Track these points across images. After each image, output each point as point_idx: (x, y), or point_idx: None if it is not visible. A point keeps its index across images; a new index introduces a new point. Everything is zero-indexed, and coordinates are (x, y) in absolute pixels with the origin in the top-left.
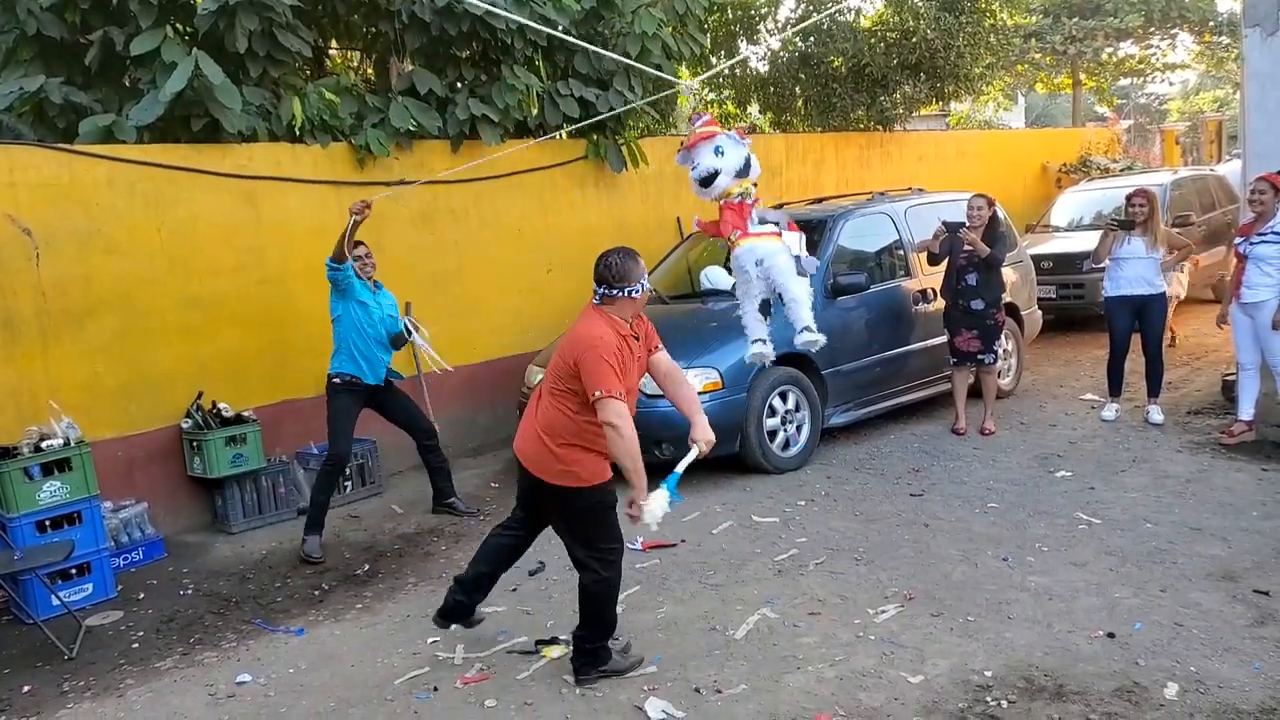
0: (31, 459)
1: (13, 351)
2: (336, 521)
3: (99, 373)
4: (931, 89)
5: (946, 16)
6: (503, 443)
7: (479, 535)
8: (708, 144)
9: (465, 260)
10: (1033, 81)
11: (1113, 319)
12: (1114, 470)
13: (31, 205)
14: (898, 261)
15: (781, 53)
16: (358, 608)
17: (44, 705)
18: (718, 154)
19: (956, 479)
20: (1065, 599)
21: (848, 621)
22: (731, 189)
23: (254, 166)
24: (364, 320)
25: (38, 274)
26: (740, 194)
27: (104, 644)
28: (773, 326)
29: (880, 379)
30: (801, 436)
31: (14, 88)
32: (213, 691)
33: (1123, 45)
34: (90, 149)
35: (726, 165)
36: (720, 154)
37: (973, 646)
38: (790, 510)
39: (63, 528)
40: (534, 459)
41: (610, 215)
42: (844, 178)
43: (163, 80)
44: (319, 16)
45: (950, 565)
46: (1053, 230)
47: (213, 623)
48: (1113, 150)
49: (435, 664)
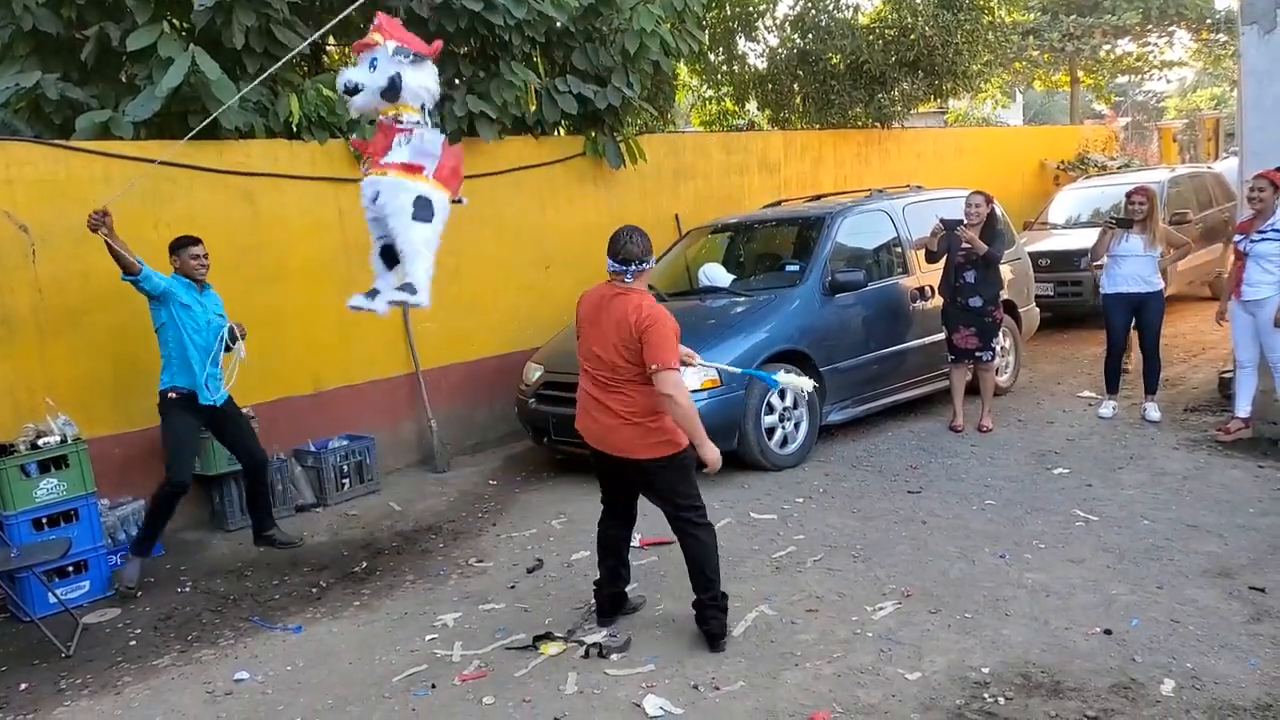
0: (28, 456)
1: (10, 349)
2: (334, 519)
3: (95, 370)
4: (930, 86)
5: (944, 14)
6: (500, 440)
7: (477, 533)
8: (366, 55)
9: (463, 258)
10: (1031, 79)
11: (1110, 316)
12: (1111, 467)
13: (28, 202)
14: (896, 259)
15: (780, 49)
16: (355, 605)
17: (41, 703)
18: (370, 68)
19: (954, 476)
20: (1062, 596)
21: (845, 619)
22: (383, 109)
23: (251, 163)
24: (189, 325)
25: (34, 271)
26: (394, 116)
27: (101, 642)
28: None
29: (878, 376)
30: (799, 434)
31: (10, 84)
32: (210, 689)
33: (1120, 42)
34: (86, 145)
35: (369, 81)
36: (372, 68)
37: (970, 643)
38: (788, 507)
39: (60, 525)
40: (629, 444)
41: (608, 212)
42: (842, 175)
43: (159, 76)
44: (317, 12)
45: (948, 562)
46: (1050, 228)
47: (210, 620)
48: (1110, 148)
49: (433, 661)
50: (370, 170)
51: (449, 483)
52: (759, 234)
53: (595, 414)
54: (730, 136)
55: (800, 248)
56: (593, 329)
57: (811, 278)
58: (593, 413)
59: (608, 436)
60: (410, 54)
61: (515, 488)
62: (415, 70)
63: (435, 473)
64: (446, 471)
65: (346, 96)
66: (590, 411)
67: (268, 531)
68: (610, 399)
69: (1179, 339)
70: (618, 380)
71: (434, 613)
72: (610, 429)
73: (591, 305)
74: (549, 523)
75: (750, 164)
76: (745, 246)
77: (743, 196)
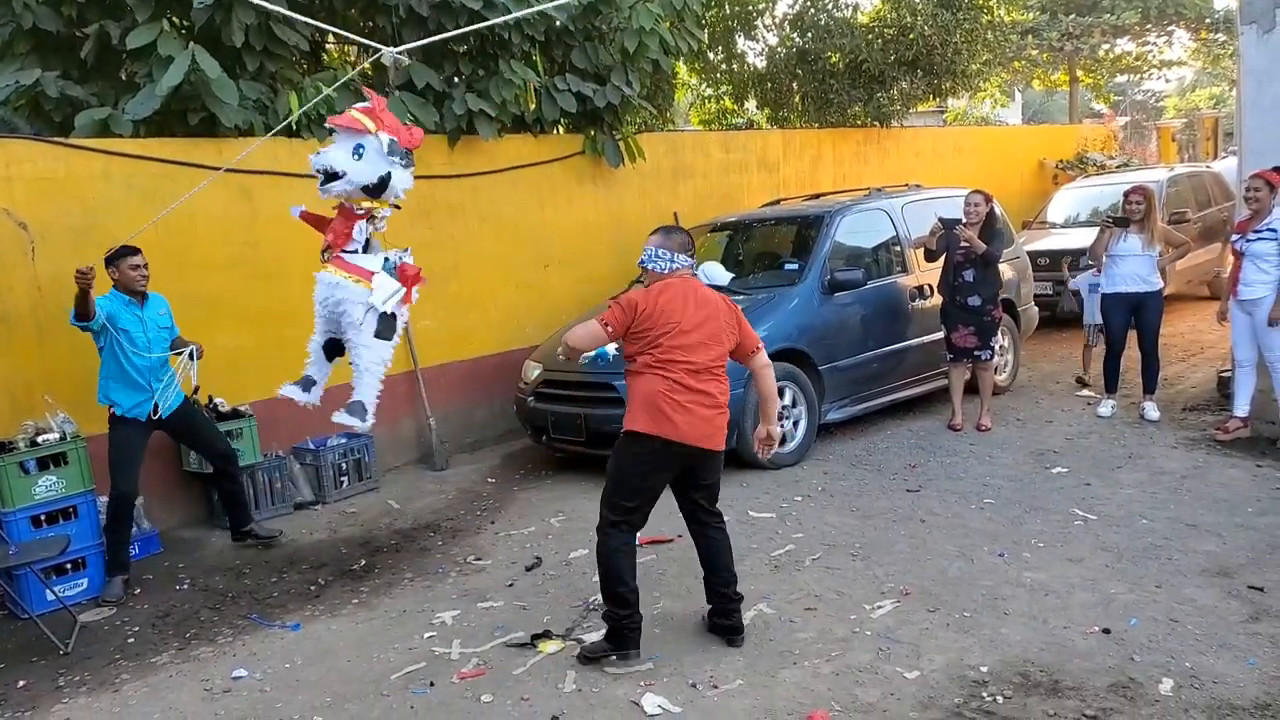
0: (27, 453)
1: (9, 346)
2: (333, 517)
3: (94, 367)
4: (929, 85)
5: (944, 13)
6: (499, 438)
7: (475, 531)
8: (351, 136)
9: (462, 256)
10: (1029, 78)
11: (1109, 316)
12: (1110, 466)
13: (27, 199)
14: (895, 258)
15: (779, 48)
16: (354, 603)
17: (39, 700)
18: (356, 155)
19: (953, 475)
20: (1061, 595)
21: (844, 617)
22: (355, 200)
23: (250, 161)
24: (128, 348)
25: (34, 268)
26: (367, 207)
27: (99, 639)
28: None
29: (877, 375)
30: (798, 432)
31: (10, 81)
32: (208, 687)
33: (1119, 42)
34: (86, 143)
35: (355, 173)
36: (359, 157)
37: (968, 642)
38: (787, 506)
39: (58, 522)
40: (718, 434)
41: (607, 210)
42: (841, 174)
43: (159, 74)
44: (316, 11)
45: (946, 561)
46: (1049, 227)
47: (208, 618)
48: (1109, 147)
49: (432, 659)
50: (330, 264)
51: (448, 481)
52: (758, 232)
53: (700, 408)
54: (729, 135)
55: (799, 246)
56: (693, 321)
57: (810, 276)
58: (698, 408)
59: (713, 427)
60: (404, 155)
61: (514, 486)
62: (404, 172)
63: (434, 471)
64: (445, 469)
65: (320, 176)
66: (694, 407)
67: (245, 527)
68: (712, 388)
69: (1177, 338)
70: (718, 369)
71: (432, 610)
72: (715, 420)
73: (680, 298)
74: (548, 521)
75: (749, 163)
76: (744, 245)
77: (742, 195)
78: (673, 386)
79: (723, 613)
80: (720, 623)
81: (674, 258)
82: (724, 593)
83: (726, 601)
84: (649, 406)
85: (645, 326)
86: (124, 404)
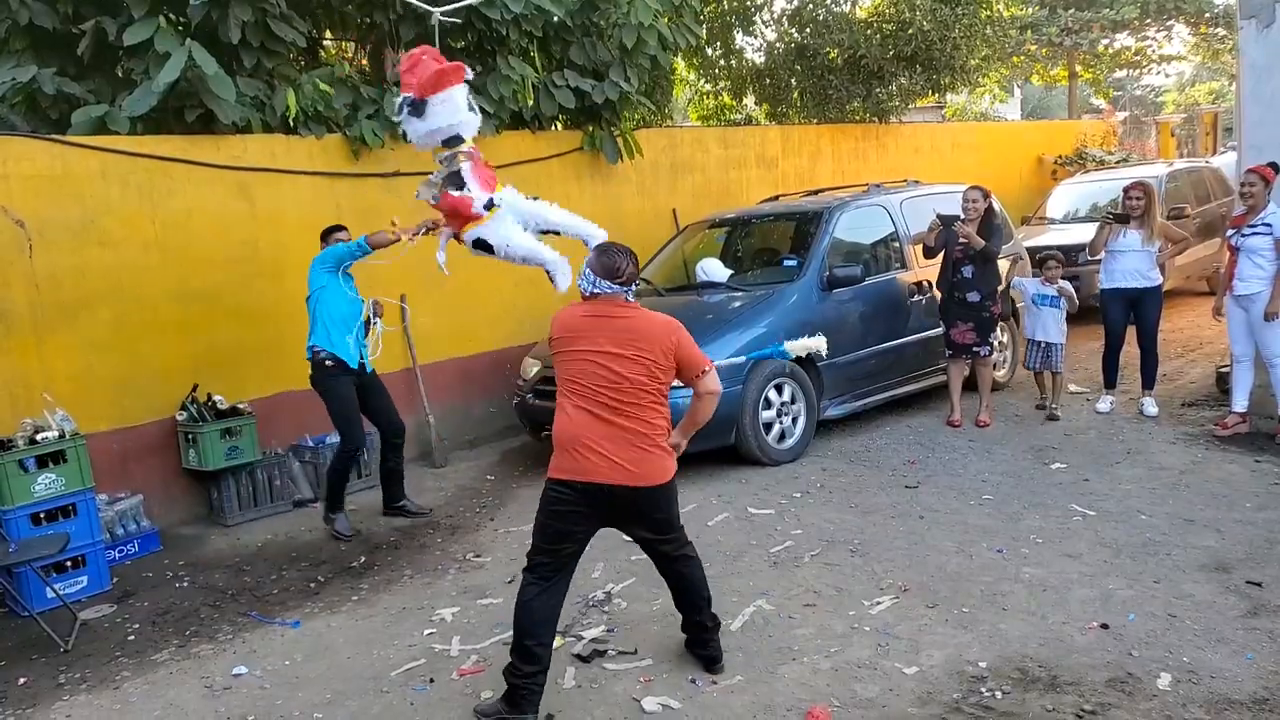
0: (26, 451)
1: (7, 344)
2: None
3: (93, 365)
4: (928, 81)
5: (942, 8)
6: (498, 434)
7: (474, 527)
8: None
9: (459, 251)
10: (1029, 73)
11: (1108, 311)
12: (1108, 462)
13: (24, 197)
14: (893, 254)
15: (777, 44)
16: (353, 600)
17: (40, 697)
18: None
19: (951, 471)
20: (1059, 590)
21: (843, 613)
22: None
23: (248, 158)
24: (342, 299)
25: (31, 266)
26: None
27: (99, 636)
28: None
29: (876, 371)
30: (797, 429)
31: (6, 78)
32: (209, 684)
33: (1118, 37)
34: (83, 140)
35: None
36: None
37: (967, 638)
38: (786, 502)
39: (58, 520)
40: (640, 473)
41: (606, 207)
42: (840, 170)
43: (156, 71)
44: (313, 7)
45: (945, 557)
46: (1048, 222)
47: (208, 615)
48: (1108, 142)
49: (431, 656)
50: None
51: (446, 478)
52: (756, 229)
53: (606, 444)
54: (728, 131)
55: (798, 242)
56: (596, 348)
57: (809, 272)
58: (603, 444)
59: (620, 466)
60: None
61: (513, 483)
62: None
63: (433, 468)
64: (444, 466)
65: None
66: (597, 444)
67: (399, 502)
68: (630, 423)
69: (1176, 334)
70: (642, 402)
71: (432, 607)
72: (618, 459)
73: (585, 324)
74: None
75: (748, 159)
76: (743, 241)
77: (740, 191)
78: (582, 420)
79: (699, 642)
80: (698, 653)
81: (596, 281)
82: (697, 621)
83: (701, 630)
84: (558, 445)
85: (555, 349)
86: (338, 353)
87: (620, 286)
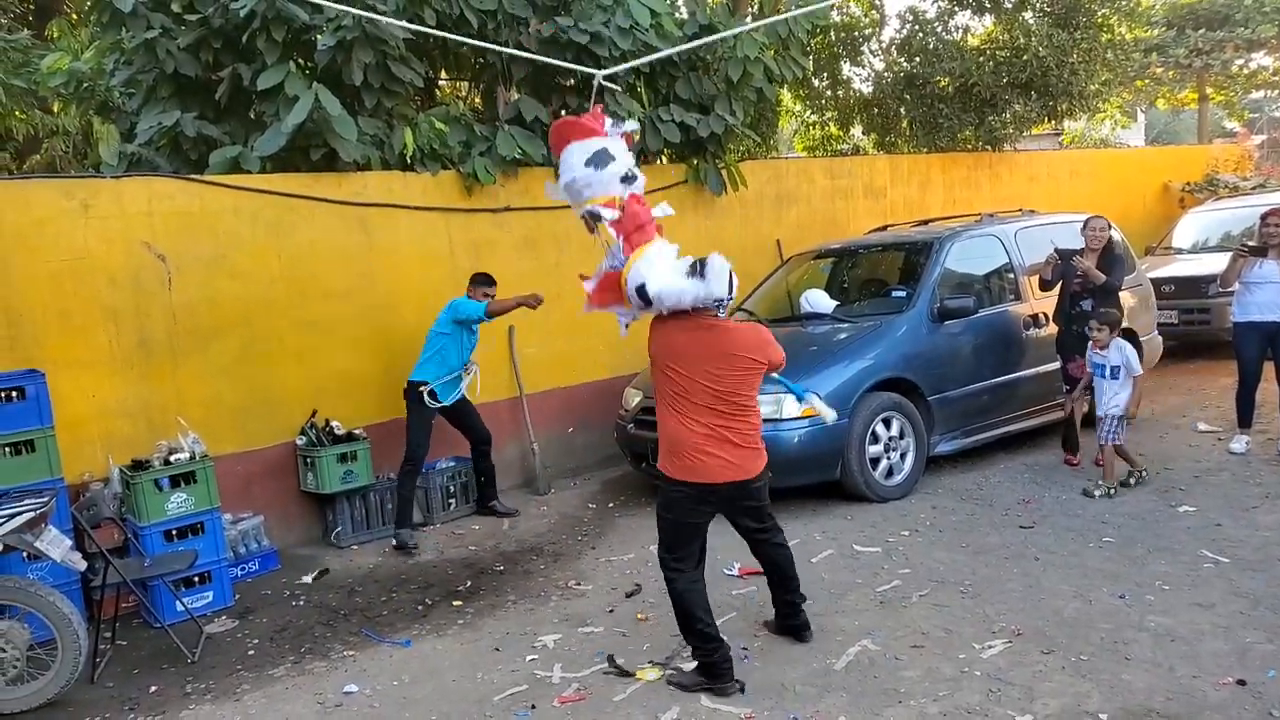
0: (161, 471)
1: (147, 370)
2: (440, 538)
3: (221, 391)
4: (1043, 107)
5: (1059, 33)
6: (600, 464)
7: (576, 555)
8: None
9: (566, 284)
10: (1154, 97)
11: (1242, 346)
12: (1243, 506)
13: (165, 233)
14: (1007, 285)
15: (885, 73)
16: (459, 623)
17: (169, 705)
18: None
19: (1069, 511)
20: (1189, 641)
21: (952, 656)
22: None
23: (368, 194)
24: (456, 351)
25: (170, 297)
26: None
27: (222, 650)
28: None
29: (989, 406)
30: (906, 464)
31: (154, 123)
32: (321, 700)
33: (1255, 56)
34: (219, 179)
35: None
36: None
37: (1086, 686)
38: (893, 540)
39: (187, 538)
40: (746, 467)
41: (709, 238)
42: (951, 199)
43: (285, 113)
44: (430, 49)
45: (1062, 601)
46: (1175, 253)
47: (322, 633)
48: (1243, 167)
49: (534, 682)
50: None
51: (550, 505)
52: (864, 259)
53: (717, 449)
54: (834, 161)
55: (907, 273)
56: (697, 362)
57: (919, 304)
58: (715, 448)
59: (729, 464)
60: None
61: (614, 512)
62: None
63: (536, 495)
64: (547, 494)
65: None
66: (710, 448)
67: (490, 502)
68: (738, 425)
69: None
70: (744, 408)
71: (535, 634)
72: (726, 457)
73: (683, 340)
74: (647, 548)
75: (855, 188)
76: (849, 272)
77: (846, 221)
78: (693, 428)
79: (789, 614)
80: (788, 623)
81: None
82: (788, 599)
83: (791, 606)
84: (670, 450)
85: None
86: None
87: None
